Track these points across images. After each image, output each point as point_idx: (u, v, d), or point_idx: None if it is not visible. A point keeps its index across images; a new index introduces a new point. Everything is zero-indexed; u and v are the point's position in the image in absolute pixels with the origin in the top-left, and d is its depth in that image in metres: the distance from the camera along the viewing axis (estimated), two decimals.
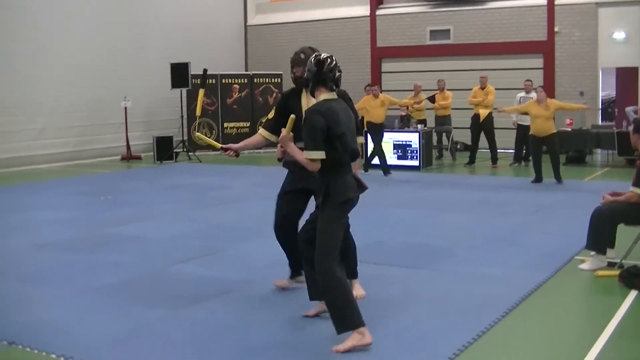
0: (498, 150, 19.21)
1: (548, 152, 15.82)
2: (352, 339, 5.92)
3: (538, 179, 15.72)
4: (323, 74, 6.28)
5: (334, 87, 6.36)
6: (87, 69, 21.43)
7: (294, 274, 7.75)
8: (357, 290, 7.35)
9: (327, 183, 6.17)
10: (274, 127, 7.59)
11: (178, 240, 10.28)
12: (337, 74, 6.38)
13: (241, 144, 7.83)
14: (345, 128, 6.18)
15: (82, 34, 21.57)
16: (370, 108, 18.01)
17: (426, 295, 7.39)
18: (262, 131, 7.96)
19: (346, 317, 5.94)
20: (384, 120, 18.10)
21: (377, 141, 17.78)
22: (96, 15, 22.07)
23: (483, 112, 18.72)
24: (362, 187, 6.43)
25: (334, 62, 6.38)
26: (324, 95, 6.28)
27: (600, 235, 8.32)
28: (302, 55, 7.48)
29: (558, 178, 15.62)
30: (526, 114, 16.65)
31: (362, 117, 17.46)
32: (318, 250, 6.05)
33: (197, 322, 6.64)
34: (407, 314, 6.78)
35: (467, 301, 7.15)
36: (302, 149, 6.09)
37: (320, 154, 6.02)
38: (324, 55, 6.40)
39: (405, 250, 9.52)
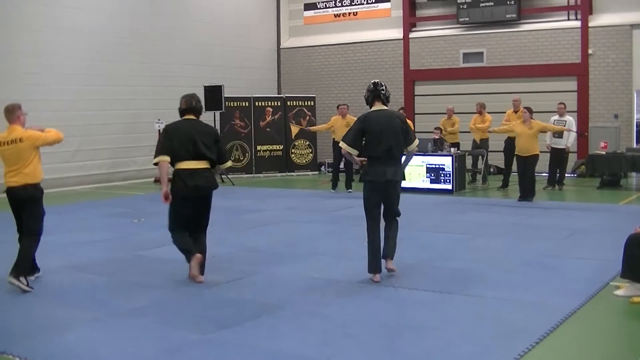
0: None
1: (525, 170, 16.60)
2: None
3: (524, 196, 16.56)
4: (377, 91, 9.25)
5: (385, 102, 9.31)
6: (120, 91, 21.60)
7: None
8: (389, 264, 9.35)
9: (365, 168, 9.18)
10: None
11: (211, 263, 10.28)
12: (387, 93, 9.39)
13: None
14: (378, 130, 9.01)
15: (116, 55, 21.75)
16: (337, 128, 18.86)
17: (459, 321, 7.34)
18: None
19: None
20: None
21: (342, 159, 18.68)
22: (131, 37, 22.25)
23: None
24: (390, 175, 9.06)
25: (384, 85, 9.37)
26: (375, 107, 9.25)
27: (635, 262, 8.21)
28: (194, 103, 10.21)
29: (526, 197, 16.49)
30: (512, 131, 17.44)
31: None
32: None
33: (229, 345, 6.64)
34: (439, 339, 6.74)
35: (501, 327, 7.09)
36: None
37: (347, 147, 9.18)
38: (377, 80, 9.46)
39: (438, 274, 9.47)
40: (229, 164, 9.85)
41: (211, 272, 9.67)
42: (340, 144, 9.28)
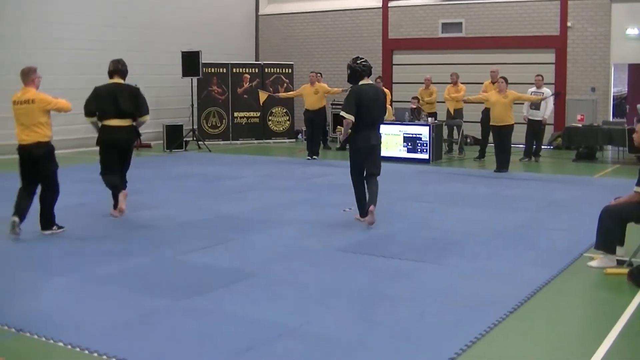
0: None
1: (500, 141, 16.81)
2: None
3: (500, 167, 16.75)
4: (367, 68, 10.64)
5: (368, 76, 10.64)
6: (96, 56, 21.41)
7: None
8: (371, 208, 10.36)
9: (351, 135, 10.48)
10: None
11: (186, 229, 10.28)
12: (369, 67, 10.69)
13: None
14: (369, 103, 10.36)
15: (91, 21, 21.57)
16: (306, 95, 19.47)
17: (433, 290, 7.36)
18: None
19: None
20: (319, 107, 19.57)
21: (312, 127, 19.54)
22: (108, 3, 22.05)
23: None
24: (374, 140, 10.55)
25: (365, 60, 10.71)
26: (364, 81, 10.57)
27: (609, 234, 8.25)
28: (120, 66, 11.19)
29: (501, 167, 16.64)
30: (486, 100, 17.90)
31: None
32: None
33: (203, 312, 6.63)
34: (413, 309, 6.75)
35: (475, 297, 7.11)
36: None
37: (350, 116, 10.34)
38: (362, 57, 10.76)
39: (414, 243, 9.50)
40: (147, 117, 11.20)
41: (186, 239, 9.67)
42: (341, 114, 10.56)
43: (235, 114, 24.34)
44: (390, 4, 25.59)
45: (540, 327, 6.43)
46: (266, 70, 24.69)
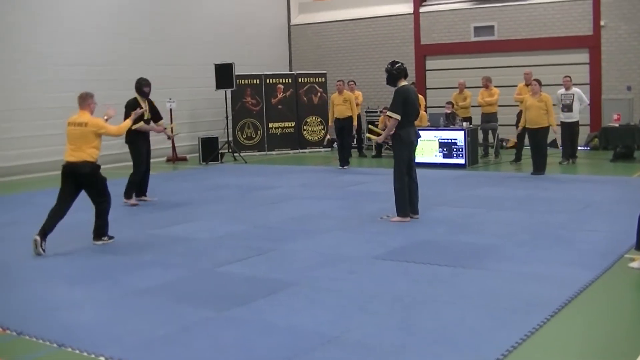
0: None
1: (536, 143, 16.76)
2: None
3: (536, 170, 16.65)
4: (401, 71, 11.52)
5: (405, 77, 11.59)
6: (131, 71, 21.58)
7: None
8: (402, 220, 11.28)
9: (399, 131, 11.30)
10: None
11: (224, 241, 10.32)
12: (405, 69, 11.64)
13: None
14: (412, 102, 11.37)
15: (127, 35, 21.79)
16: (336, 105, 19.19)
17: (474, 295, 7.34)
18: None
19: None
20: (348, 115, 19.15)
21: (342, 136, 19.23)
22: (142, 17, 22.27)
23: None
24: (418, 135, 11.76)
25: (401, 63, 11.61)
26: (403, 83, 11.48)
27: None
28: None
29: (537, 170, 16.53)
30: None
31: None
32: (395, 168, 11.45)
33: (244, 322, 6.65)
34: (454, 313, 6.74)
35: (516, 300, 7.08)
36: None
37: (397, 115, 11.23)
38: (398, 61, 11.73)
39: (452, 249, 9.47)
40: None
41: (224, 250, 9.72)
42: (388, 114, 11.61)
43: (270, 125, 24.42)
44: (422, 9, 25.59)
45: (582, 329, 6.40)
46: (299, 80, 24.76)
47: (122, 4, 21.73)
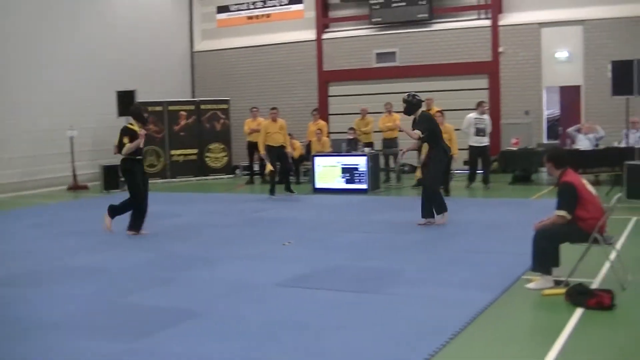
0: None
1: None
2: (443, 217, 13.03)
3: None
4: (420, 102, 13.38)
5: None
6: (33, 98, 21.25)
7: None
8: (445, 218, 13.18)
9: (432, 148, 13.17)
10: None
11: (129, 271, 10.16)
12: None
13: None
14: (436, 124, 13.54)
15: (25, 59, 21.42)
16: (272, 133, 18.64)
17: (378, 320, 7.38)
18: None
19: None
20: (283, 142, 18.70)
21: (281, 163, 18.77)
22: (43, 41, 21.92)
23: None
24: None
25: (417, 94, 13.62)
26: (420, 110, 13.33)
27: (544, 255, 8.40)
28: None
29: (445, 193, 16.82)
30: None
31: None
32: (431, 181, 13.10)
33: (150, 354, 6.54)
34: (356, 340, 6.76)
35: (417, 324, 7.15)
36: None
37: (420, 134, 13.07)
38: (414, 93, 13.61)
39: (356, 274, 9.50)
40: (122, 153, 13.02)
41: (130, 280, 9.59)
42: (418, 134, 13.14)
43: (173, 152, 24.32)
44: (324, 36, 25.83)
45: (481, 350, 6.49)
46: (202, 106, 24.71)
47: (22, 24, 21.37)
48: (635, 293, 8.22)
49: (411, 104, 13.37)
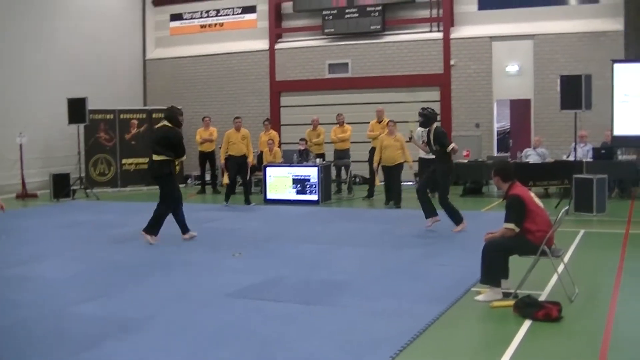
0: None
1: (391, 178, 17.71)
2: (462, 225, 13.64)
3: (389, 199, 17.87)
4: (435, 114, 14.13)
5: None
6: None
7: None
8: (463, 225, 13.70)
9: (444, 162, 13.77)
10: None
11: (74, 280, 10.06)
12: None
13: None
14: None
15: None
16: (236, 142, 18.67)
17: (326, 331, 7.36)
18: None
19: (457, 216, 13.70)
20: (244, 152, 18.69)
21: (241, 173, 18.83)
22: None
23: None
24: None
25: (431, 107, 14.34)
26: (436, 124, 14.04)
27: (493, 268, 8.47)
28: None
29: (392, 201, 17.65)
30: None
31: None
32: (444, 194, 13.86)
33: None
34: (307, 350, 6.75)
35: (366, 336, 7.15)
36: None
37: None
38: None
39: (305, 286, 9.49)
40: (183, 157, 14.09)
41: (74, 289, 9.48)
42: (451, 149, 13.71)
43: (124, 161, 24.12)
44: (277, 46, 25.81)
45: None
46: (154, 115, 24.52)
47: None
48: (582, 305, 8.32)
49: (428, 117, 13.98)
